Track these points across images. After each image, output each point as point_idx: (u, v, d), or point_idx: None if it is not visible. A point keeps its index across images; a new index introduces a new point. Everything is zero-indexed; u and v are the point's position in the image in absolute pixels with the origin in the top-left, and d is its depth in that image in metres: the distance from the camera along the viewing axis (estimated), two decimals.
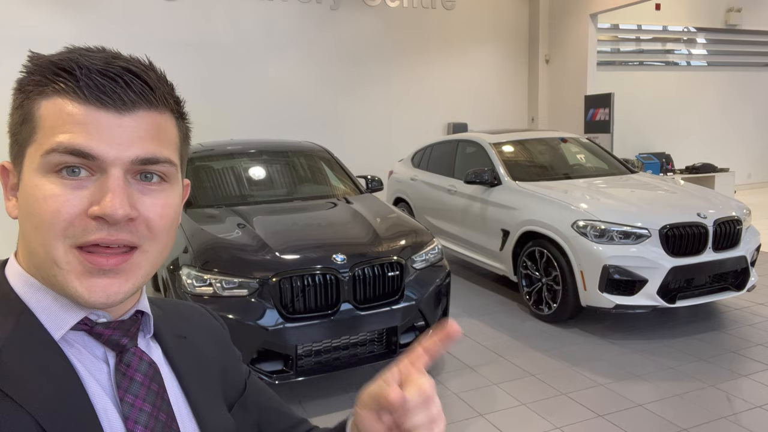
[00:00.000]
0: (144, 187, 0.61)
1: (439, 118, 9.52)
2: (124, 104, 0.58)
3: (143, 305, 0.68)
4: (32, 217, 0.58)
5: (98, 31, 7.17)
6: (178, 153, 0.65)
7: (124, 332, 0.64)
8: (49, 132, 0.57)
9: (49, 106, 0.58)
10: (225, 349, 0.83)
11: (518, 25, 10.01)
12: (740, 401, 3.20)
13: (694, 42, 11.08)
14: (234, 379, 0.81)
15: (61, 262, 0.58)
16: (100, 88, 0.57)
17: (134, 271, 0.61)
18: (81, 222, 0.57)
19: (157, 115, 0.61)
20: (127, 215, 0.57)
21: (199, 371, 0.73)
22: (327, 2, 8.48)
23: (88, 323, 0.62)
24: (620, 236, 4.05)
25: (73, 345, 0.61)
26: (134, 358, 0.64)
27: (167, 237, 0.64)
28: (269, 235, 3.45)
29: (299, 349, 3.15)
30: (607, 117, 8.63)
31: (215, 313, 0.88)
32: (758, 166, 12.19)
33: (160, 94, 0.61)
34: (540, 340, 4.18)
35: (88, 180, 0.58)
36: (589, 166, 5.58)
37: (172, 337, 0.73)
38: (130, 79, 0.59)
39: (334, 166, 4.96)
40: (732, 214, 4.25)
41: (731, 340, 4.05)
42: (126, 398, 0.61)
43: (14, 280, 0.62)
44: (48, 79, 0.58)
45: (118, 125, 0.58)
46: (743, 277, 4.29)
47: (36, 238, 0.58)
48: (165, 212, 0.62)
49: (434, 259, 3.65)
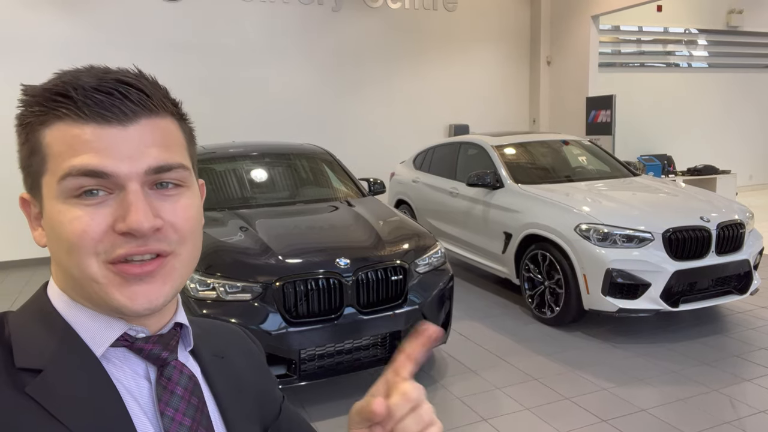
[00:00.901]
0: (162, 195, 0.61)
1: (440, 120, 9.51)
2: (125, 116, 0.59)
3: (181, 317, 0.69)
4: (61, 242, 0.59)
5: (99, 33, 7.17)
6: (187, 155, 0.66)
7: (164, 346, 0.64)
8: (59, 158, 0.58)
9: (54, 133, 0.58)
10: (261, 372, 0.83)
11: (520, 27, 10.01)
12: (744, 406, 3.19)
13: (695, 43, 11.07)
14: (269, 403, 0.81)
15: (98, 277, 0.59)
16: (98, 104, 0.58)
17: (170, 273, 0.62)
18: (109, 239, 0.58)
19: (159, 121, 0.62)
20: (153, 226, 0.58)
21: (235, 392, 0.73)
22: (329, 4, 8.48)
23: (128, 339, 0.62)
24: (623, 240, 4.05)
25: (113, 362, 0.62)
26: (175, 372, 0.64)
27: (195, 238, 0.65)
28: (272, 239, 3.45)
29: (302, 354, 3.14)
30: (608, 119, 8.62)
31: (252, 335, 0.88)
32: (760, 167, 12.18)
33: (157, 100, 0.62)
34: (543, 343, 4.17)
35: (107, 198, 0.58)
36: (591, 169, 5.57)
37: (211, 355, 0.73)
38: (126, 90, 0.59)
39: (336, 169, 4.95)
40: (735, 218, 4.24)
41: (734, 344, 4.04)
42: (166, 411, 0.61)
43: (56, 299, 0.63)
44: (46, 107, 0.59)
45: (123, 138, 0.58)
46: (746, 281, 4.28)
47: (69, 260, 0.59)
48: (188, 214, 0.63)
49: (437, 262, 3.65)
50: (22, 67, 6.77)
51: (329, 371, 3.23)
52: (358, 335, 3.25)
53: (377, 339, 3.36)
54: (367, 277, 3.28)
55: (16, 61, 6.80)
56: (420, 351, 0.61)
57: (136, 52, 7.31)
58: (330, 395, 3.42)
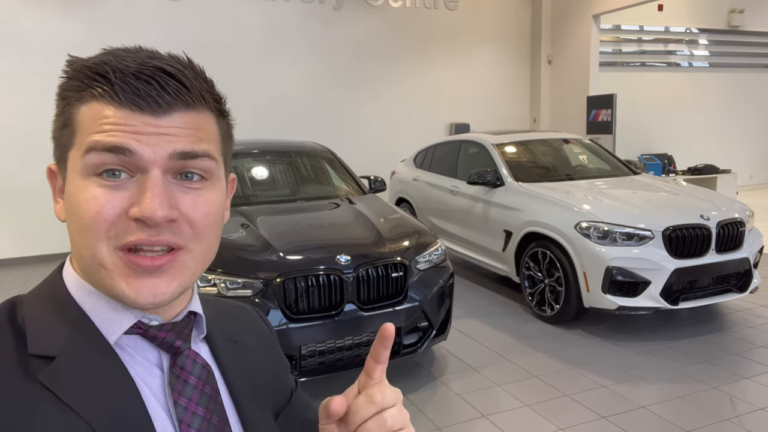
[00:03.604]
0: (185, 187, 0.60)
1: (441, 119, 9.52)
2: (159, 107, 0.58)
3: (195, 306, 0.68)
4: (76, 220, 0.59)
5: (100, 32, 7.18)
6: (219, 149, 0.64)
7: (178, 334, 0.64)
8: (87, 133, 0.58)
9: (88, 111, 0.59)
10: (274, 357, 0.82)
11: (521, 26, 10.02)
12: (743, 403, 3.20)
13: (696, 43, 11.07)
14: (281, 389, 0.80)
15: (107, 263, 0.58)
16: (134, 91, 0.57)
17: (180, 270, 0.60)
18: (122, 223, 0.57)
19: (195, 114, 0.61)
20: (167, 217, 0.57)
21: (247, 377, 0.73)
22: (330, 2, 8.48)
23: (142, 326, 0.62)
24: (623, 238, 4.05)
25: (126, 350, 0.61)
26: (188, 361, 0.63)
27: (212, 236, 0.63)
28: (273, 236, 3.46)
29: (303, 350, 3.15)
30: (609, 118, 8.63)
31: (266, 318, 0.87)
32: (760, 167, 12.18)
33: (196, 94, 0.60)
34: (543, 341, 4.18)
35: (128, 181, 0.58)
36: (591, 167, 5.58)
37: (224, 340, 0.73)
38: (165, 80, 0.58)
39: (337, 167, 4.96)
40: (735, 216, 4.25)
41: (734, 342, 4.05)
42: (180, 401, 0.61)
43: (70, 283, 0.63)
44: (85, 84, 0.59)
45: (154, 127, 0.58)
46: (746, 279, 4.29)
47: (81, 240, 0.59)
48: (208, 210, 0.61)
49: (438, 260, 3.66)
50: (22, 66, 6.77)
51: (329, 367, 3.25)
52: (358, 332, 3.26)
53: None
54: (367, 274, 3.29)
55: (15, 59, 6.81)
56: (383, 352, 0.62)
57: None
58: (330, 391, 3.43)
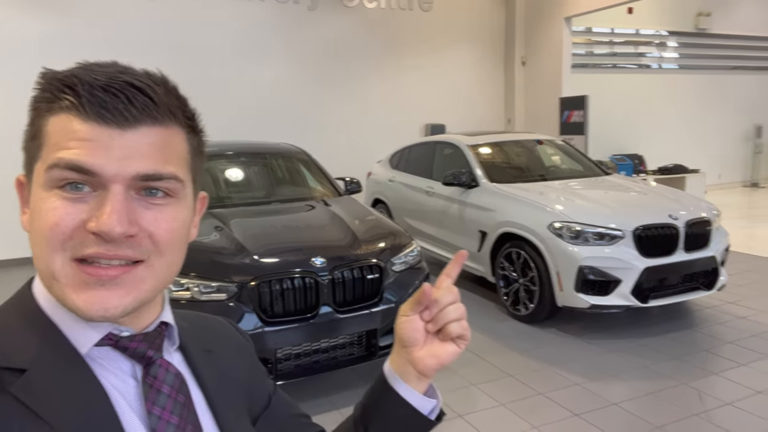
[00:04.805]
0: (148, 203, 0.60)
1: (417, 119, 9.56)
2: (125, 120, 0.57)
3: (167, 316, 0.69)
4: (36, 231, 0.58)
5: (74, 32, 7.04)
6: (187, 168, 0.64)
7: (150, 344, 0.64)
8: (53, 148, 0.57)
9: (56, 123, 0.58)
10: (250, 364, 0.83)
11: (495, 28, 10.11)
12: (712, 399, 3.28)
13: (665, 45, 11.31)
14: (259, 394, 0.81)
15: (58, 275, 0.57)
16: (101, 104, 0.57)
17: (136, 284, 0.59)
18: (80, 235, 0.57)
19: (162, 130, 0.60)
20: (125, 233, 0.56)
21: (224, 386, 0.73)
22: (305, 2, 8.45)
23: (113, 337, 0.62)
24: (595, 237, 4.12)
25: (98, 361, 0.61)
26: (161, 370, 0.64)
27: (174, 252, 0.63)
28: (247, 238, 3.43)
29: (278, 353, 3.13)
30: (581, 119, 8.77)
31: (240, 328, 0.88)
32: (728, 166, 12.50)
33: (164, 109, 0.60)
34: (517, 340, 4.23)
35: (89, 195, 0.57)
36: (564, 168, 5.66)
37: (199, 350, 0.73)
38: (133, 94, 0.58)
39: (312, 168, 4.94)
40: (702, 216, 4.35)
41: (702, 338, 4.15)
42: (153, 410, 0.61)
43: (40, 296, 0.63)
44: (55, 95, 0.58)
45: (120, 141, 0.57)
46: (713, 277, 4.39)
47: (39, 252, 0.58)
48: (170, 226, 0.61)
49: (413, 261, 3.67)
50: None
51: (306, 370, 3.23)
52: (334, 334, 3.25)
53: (353, 337, 3.37)
54: (343, 276, 3.28)
55: None
56: (455, 269, 0.77)
57: (111, 51, 7.19)
58: (307, 394, 3.42)
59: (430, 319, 0.77)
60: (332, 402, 3.31)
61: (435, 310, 0.76)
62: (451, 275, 0.78)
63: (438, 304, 0.75)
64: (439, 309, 0.76)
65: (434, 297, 0.75)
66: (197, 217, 0.71)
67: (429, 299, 0.75)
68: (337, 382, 3.57)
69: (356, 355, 3.39)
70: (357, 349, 3.40)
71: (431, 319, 0.77)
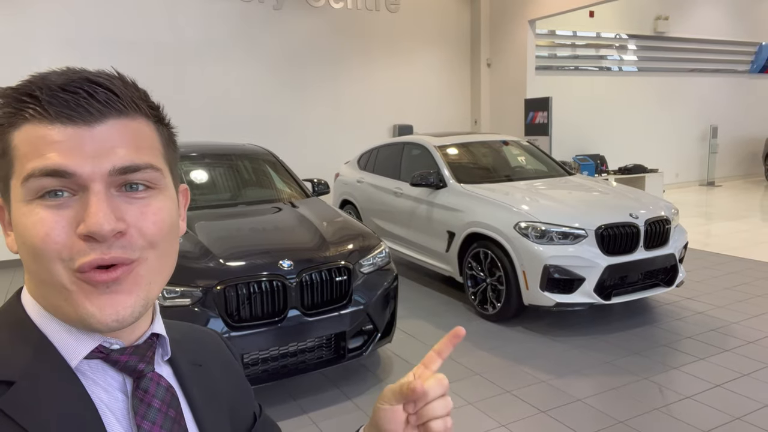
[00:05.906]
0: (130, 198, 0.59)
1: (384, 120, 9.58)
2: (91, 115, 0.57)
3: (158, 327, 0.67)
4: (27, 246, 0.57)
5: (30, 29, 6.80)
6: (162, 158, 0.63)
7: (141, 357, 0.63)
8: (24, 160, 0.56)
9: (21, 135, 0.57)
10: (237, 382, 0.82)
11: (461, 29, 10.21)
12: (672, 392, 3.38)
13: (625, 48, 11.61)
14: (244, 414, 0.81)
15: (67, 283, 0.57)
16: (63, 103, 0.56)
17: (136, 281, 0.59)
18: (72, 245, 0.56)
19: (129, 122, 0.59)
20: (114, 229, 0.56)
21: (211, 401, 0.72)
22: (270, 2, 8.37)
23: (103, 350, 0.61)
24: (559, 237, 4.20)
25: (87, 374, 0.60)
26: (151, 384, 0.63)
27: (166, 244, 0.62)
28: (212, 242, 3.38)
29: (245, 358, 3.10)
30: (545, 120, 8.93)
31: (229, 343, 0.86)
32: (685, 166, 12.91)
33: (128, 100, 0.59)
34: (485, 339, 4.28)
35: (70, 200, 0.56)
36: (529, 169, 5.75)
37: (188, 364, 0.72)
38: (92, 89, 0.57)
39: (279, 170, 4.90)
40: (661, 214, 4.48)
41: (663, 333, 4.27)
42: (143, 425, 0.60)
43: (30, 308, 0.61)
44: (15, 108, 0.57)
45: (90, 138, 0.56)
46: (672, 274, 4.53)
47: (37, 266, 0.57)
48: (157, 218, 0.60)
49: (382, 262, 3.67)
50: None
51: (273, 375, 3.20)
52: (302, 337, 3.23)
53: (322, 340, 3.35)
54: (311, 279, 3.26)
55: None
56: (449, 348, 0.72)
57: (68, 48, 6.98)
58: (275, 399, 3.38)
59: (413, 412, 0.71)
60: (301, 406, 3.29)
61: (421, 403, 0.70)
62: (443, 355, 0.72)
63: (425, 397, 0.70)
64: (425, 402, 0.70)
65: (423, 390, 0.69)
66: (183, 210, 0.70)
67: (417, 396, 0.69)
68: (306, 386, 3.54)
69: (325, 358, 3.37)
70: (326, 352, 3.38)
71: (415, 412, 0.71)
